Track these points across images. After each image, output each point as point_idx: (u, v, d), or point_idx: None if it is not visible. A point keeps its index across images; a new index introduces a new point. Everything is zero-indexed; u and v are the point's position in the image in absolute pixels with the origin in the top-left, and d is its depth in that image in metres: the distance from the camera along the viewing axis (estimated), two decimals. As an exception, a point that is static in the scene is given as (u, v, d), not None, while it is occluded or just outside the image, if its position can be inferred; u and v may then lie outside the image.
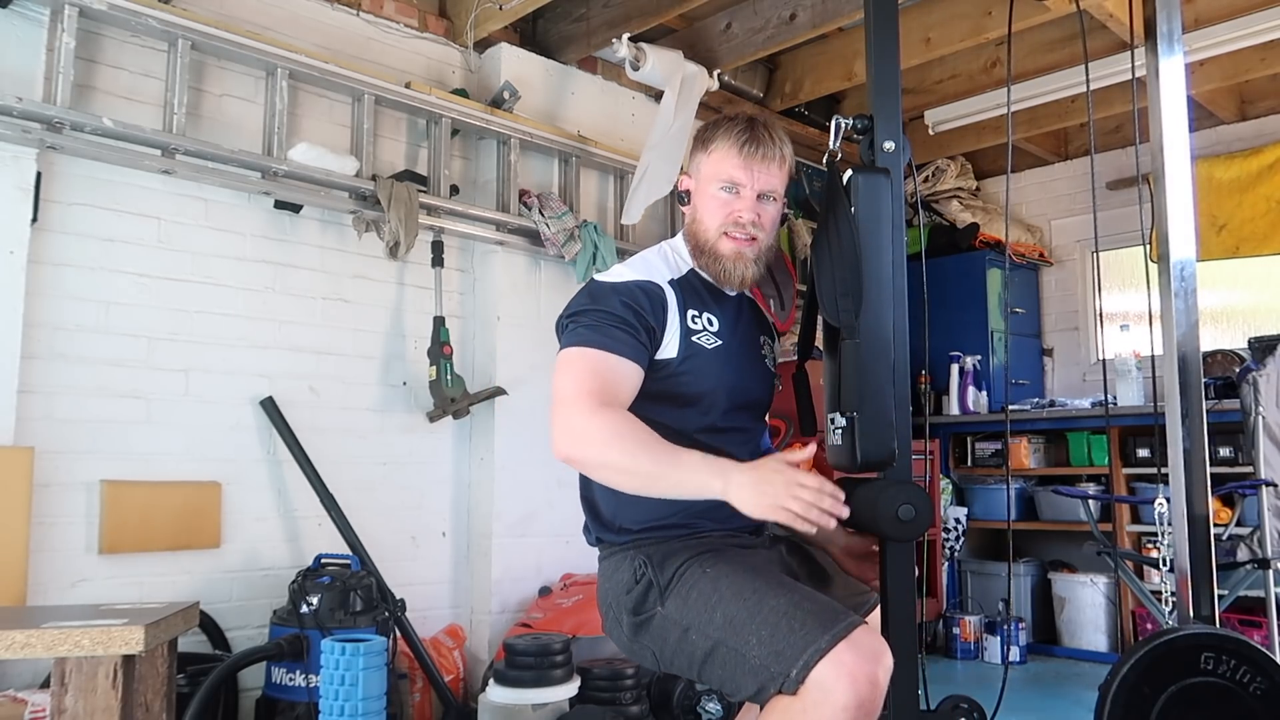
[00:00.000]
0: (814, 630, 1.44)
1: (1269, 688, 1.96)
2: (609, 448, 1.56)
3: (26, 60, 2.73)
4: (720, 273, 1.79)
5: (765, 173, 1.77)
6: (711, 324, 1.78)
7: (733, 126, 1.78)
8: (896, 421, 1.67)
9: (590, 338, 1.65)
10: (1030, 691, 4.02)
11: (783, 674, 1.44)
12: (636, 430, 1.57)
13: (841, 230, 1.72)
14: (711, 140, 1.79)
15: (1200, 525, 2.29)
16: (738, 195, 1.77)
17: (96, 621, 1.76)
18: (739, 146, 1.75)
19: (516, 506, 3.63)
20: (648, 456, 1.55)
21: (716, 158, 1.78)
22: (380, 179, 3.30)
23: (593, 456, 1.58)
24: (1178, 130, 2.38)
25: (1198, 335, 2.35)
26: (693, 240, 1.83)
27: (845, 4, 3.73)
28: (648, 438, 1.56)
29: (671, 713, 3.16)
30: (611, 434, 1.56)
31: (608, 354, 1.64)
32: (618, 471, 1.58)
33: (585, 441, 1.57)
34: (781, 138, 1.80)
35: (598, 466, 1.60)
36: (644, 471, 1.55)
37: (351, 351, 3.40)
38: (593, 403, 1.58)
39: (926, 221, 5.49)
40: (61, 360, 2.78)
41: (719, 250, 1.78)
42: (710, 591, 1.58)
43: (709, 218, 1.79)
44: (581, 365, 1.63)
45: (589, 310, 1.69)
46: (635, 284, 1.73)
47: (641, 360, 1.67)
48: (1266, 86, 4.74)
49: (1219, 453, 4.09)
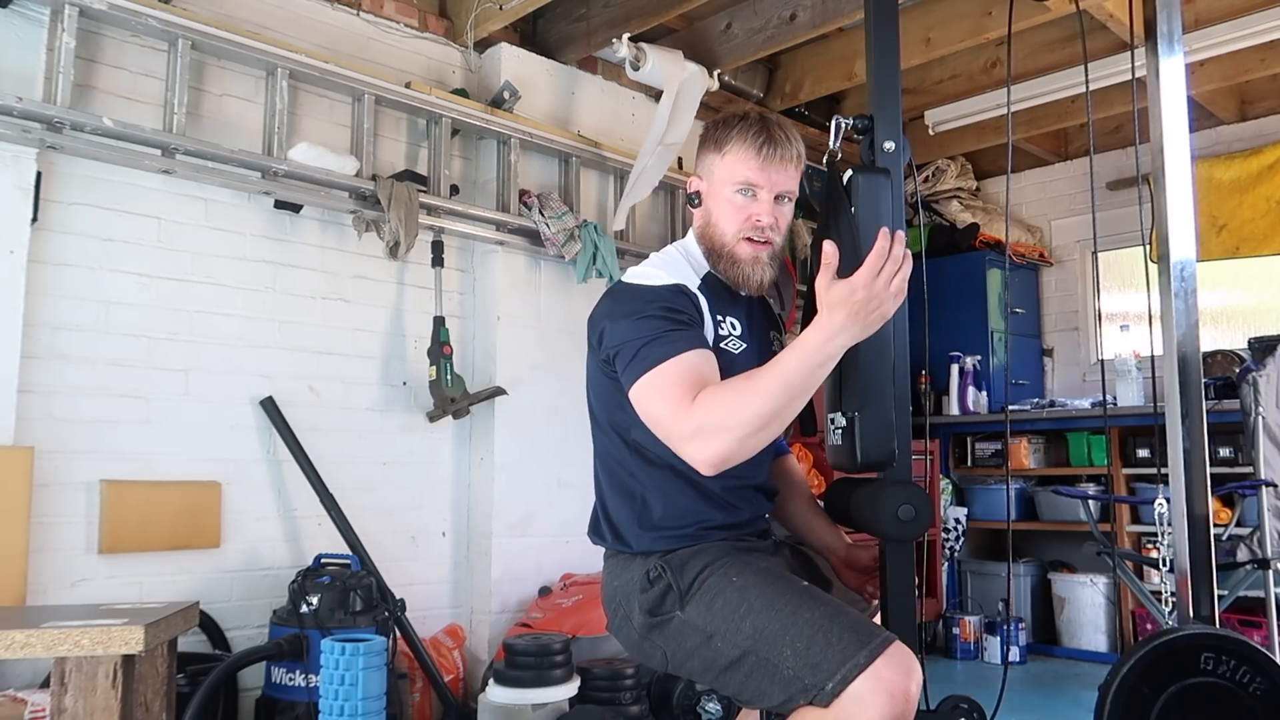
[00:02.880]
0: (852, 645, 1.44)
1: (1269, 688, 1.96)
2: (733, 421, 1.49)
3: (26, 60, 2.73)
4: (739, 277, 1.75)
5: (782, 174, 1.73)
6: (735, 327, 1.75)
7: (747, 127, 1.73)
8: (896, 421, 1.67)
9: (660, 353, 1.58)
10: (1030, 691, 4.02)
11: (817, 686, 1.43)
12: (733, 386, 1.53)
13: (842, 230, 1.73)
14: (725, 141, 1.74)
15: (1200, 525, 2.29)
16: (755, 198, 1.73)
17: (96, 621, 1.76)
18: (757, 148, 1.71)
19: (516, 506, 3.63)
20: (764, 393, 1.49)
21: (732, 160, 1.73)
22: (380, 179, 3.30)
23: (731, 444, 1.50)
24: (1178, 130, 2.38)
25: (1198, 335, 2.35)
26: (707, 243, 1.78)
27: (845, 4, 3.73)
28: (744, 382, 1.52)
29: (671, 713, 3.16)
30: (722, 408, 1.50)
31: (677, 358, 1.57)
32: (759, 430, 1.50)
33: (714, 433, 1.50)
34: (795, 136, 1.76)
35: (741, 442, 1.50)
36: (771, 411, 1.49)
37: (351, 351, 3.40)
38: (685, 404, 1.52)
39: (926, 221, 5.49)
40: (61, 360, 2.78)
41: (737, 255, 1.74)
42: (739, 600, 1.56)
43: (725, 222, 1.74)
44: (663, 384, 1.56)
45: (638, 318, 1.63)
46: (676, 288, 1.69)
47: (707, 344, 1.63)
48: (1266, 86, 4.74)
49: (1219, 453, 4.09)
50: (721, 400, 1.51)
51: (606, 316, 1.71)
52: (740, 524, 1.76)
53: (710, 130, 1.80)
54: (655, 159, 3.82)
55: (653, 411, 1.58)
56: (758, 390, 1.49)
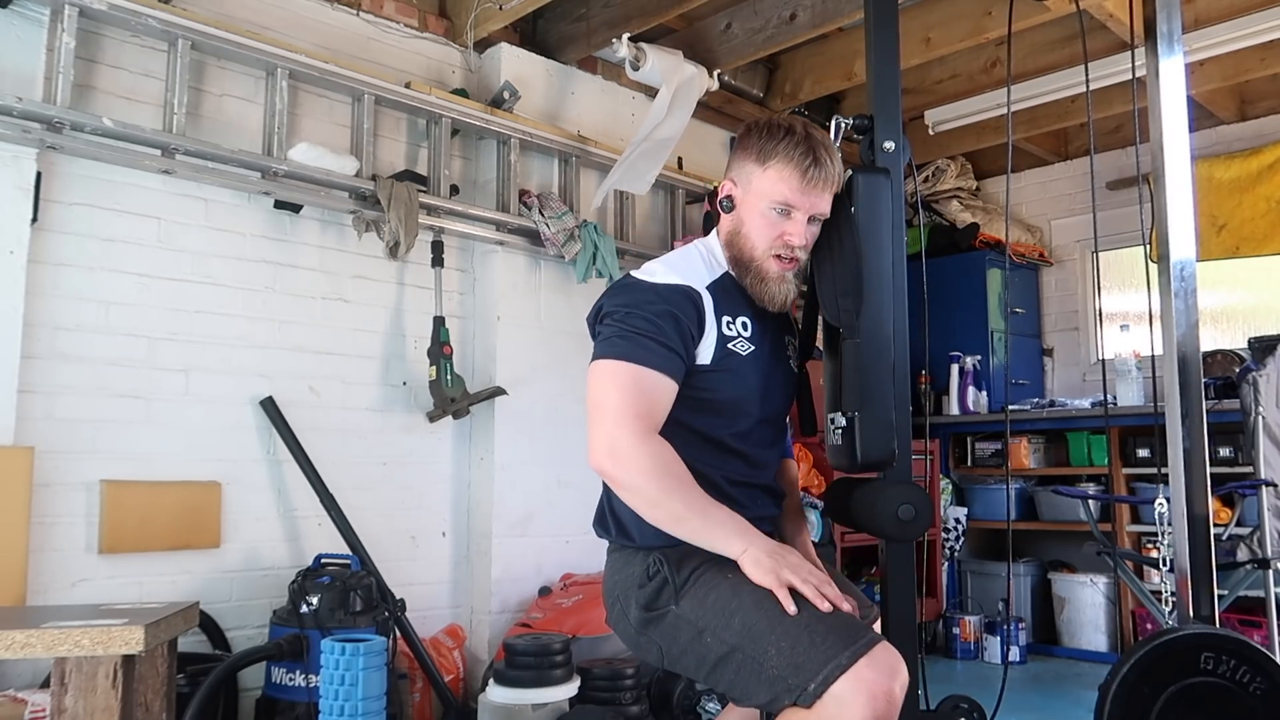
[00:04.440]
0: (835, 645, 1.44)
1: (1269, 688, 1.96)
2: (649, 479, 1.57)
3: (26, 60, 2.72)
4: (764, 294, 1.74)
5: (821, 197, 1.72)
6: (746, 328, 1.74)
7: (794, 145, 1.69)
8: (896, 421, 1.67)
9: (630, 351, 1.62)
10: (1030, 691, 4.02)
11: (800, 687, 1.44)
12: (678, 470, 1.58)
13: (842, 230, 1.73)
14: (770, 155, 1.70)
15: (1200, 525, 2.29)
16: (789, 218, 1.71)
17: (96, 621, 1.76)
18: (802, 170, 1.68)
19: (516, 506, 3.63)
20: (682, 500, 1.57)
21: (774, 176, 1.70)
22: (380, 179, 3.30)
23: (631, 481, 1.58)
24: (1178, 130, 2.38)
25: (1198, 335, 2.36)
26: (733, 251, 1.77)
27: (845, 4, 3.73)
28: (687, 481, 1.58)
29: (671, 713, 3.16)
30: (655, 467, 1.56)
31: (649, 370, 1.61)
32: (649, 504, 1.59)
33: (627, 466, 1.57)
34: (837, 156, 1.74)
35: (631, 491, 1.60)
36: (674, 513, 1.58)
37: (351, 351, 3.40)
38: (640, 427, 1.58)
39: (926, 221, 5.49)
40: (61, 360, 2.78)
41: (765, 271, 1.73)
42: (730, 597, 1.57)
43: (758, 236, 1.73)
44: (627, 380, 1.61)
45: (629, 314, 1.66)
46: (676, 288, 1.68)
47: (678, 376, 1.65)
48: (1266, 86, 4.74)
49: (1219, 453, 4.09)
50: (662, 465, 1.57)
51: (607, 297, 1.75)
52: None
53: (753, 137, 1.75)
54: (644, 152, 3.80)
55: (602, 395, 1.62)
56: (678, 499, 1.57)
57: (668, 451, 1.59)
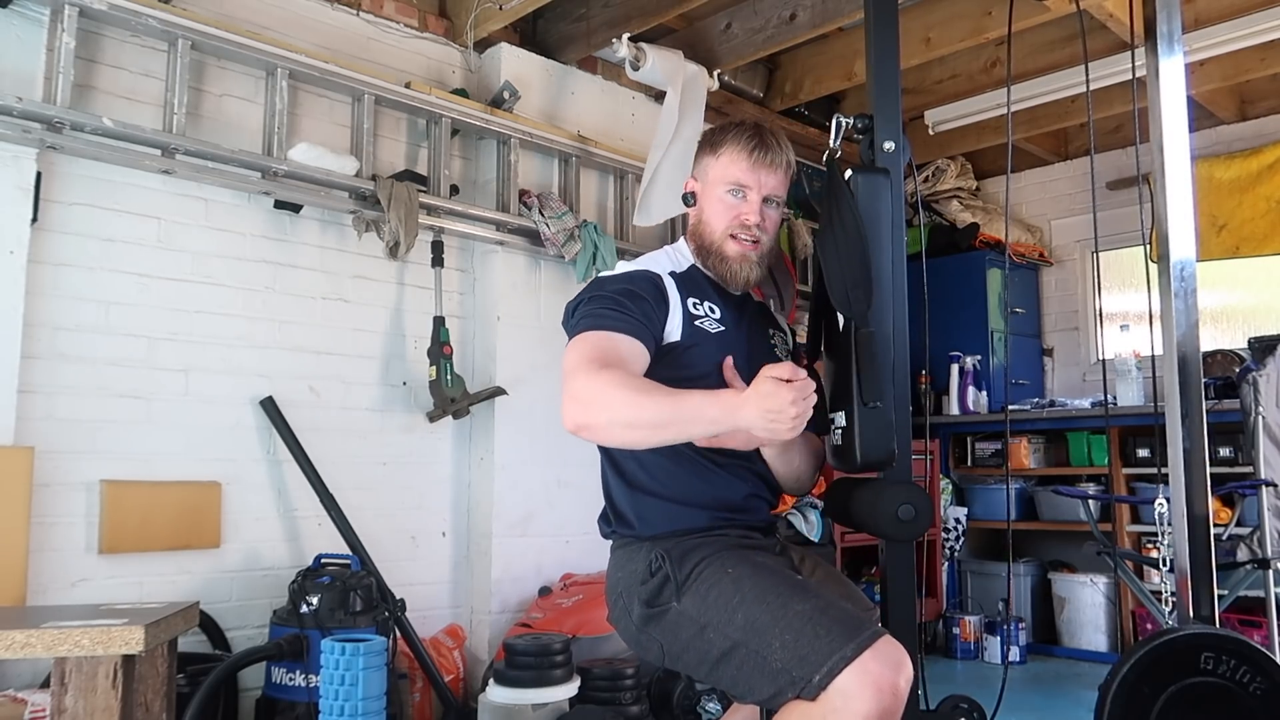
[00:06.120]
0: (839, 638, 1.44)
1: (1269, 688, 1.96)
2: (613, 404, 1.54)
3: (26, 60, 2.72)
4: (726, 274, 1.84)
5: (771, 178, 1.82)
6: (714, 311, 1.82)
7: (741, 132, 1.83)
8: (896, 421, 1.67)
9: (590, 324, 1.68)
10: (1030, 691, 4.02)
11: (804, 679, 1.44)
12: (637, 381, 1.57)
13: (846, 222, 1.73)
14: (720, 145, 1.84)
15: (1200, 525, 2.29)
16: (744, 199, 1.82)
17: (96, 621, 1.76)
18: (748, 151, 1.80)
19: (516, 506, 3.63)
20: (652, 405, 1.53)
21: (725, 161, 1.83)
22: (380, 179, 3.30)
23: (599, 418, 1.55)
24: (1178, 130, 2.38)
25: (1198, 335, 2.36)
26: (697, 241, 1.88)
27: (845, 4, 3.73)
28: (649, 386, 1.56)
29: (671, 713, 3.16)
30: (613, 389, 1.54)
31: (609, 333, 1.66)
32: (626, 426, 1.55)
33: (589, 403, 1.55)
34: (786, 144, 1.86)
35: (606, 426, 1.56)
36: (651, 420, 1.53)
37: (351, 351, 3.40)
38: (593, 367, 1.58)
39: (926, 221, 5.49)
40: (61, 360, 2.78)
41: (725, 252, 1.83)
42: (732, 592, 1.57)
43: (715, 219, 1.83)
44: (584, 345, 1.65)
45: (591, 299, 1.73)
46: (634, 273, 1.80)
47: (644, 337, 1.68)
48: (1266, 86, 4.74)
49: (1219, 453, 4.08)
50: (618, 384, 1.55)
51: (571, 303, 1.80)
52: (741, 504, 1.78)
53: (707, 135, 1.91)
54: (671, 157, 3.80)
55: (566, 364, 1.64)
56: (647, 401, 1.53)
57: (622, 374, 1.57)
